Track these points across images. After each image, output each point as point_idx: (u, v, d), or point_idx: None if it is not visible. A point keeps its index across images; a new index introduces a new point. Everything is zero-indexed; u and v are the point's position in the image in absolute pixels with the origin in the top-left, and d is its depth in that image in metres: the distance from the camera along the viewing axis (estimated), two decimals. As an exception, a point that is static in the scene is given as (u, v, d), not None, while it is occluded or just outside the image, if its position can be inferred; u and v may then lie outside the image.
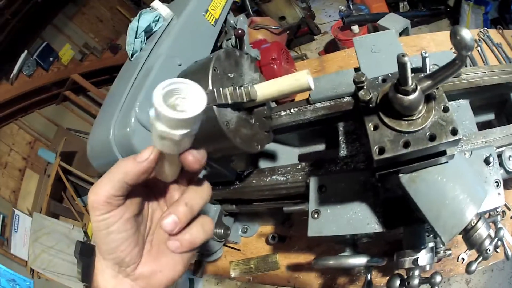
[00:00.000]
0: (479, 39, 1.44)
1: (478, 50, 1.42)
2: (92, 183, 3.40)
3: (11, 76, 3.13)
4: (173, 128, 0.38)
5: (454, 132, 0.50)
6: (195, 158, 0.42)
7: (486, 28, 1.47)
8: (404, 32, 2.64)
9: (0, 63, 3.14)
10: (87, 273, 2.72)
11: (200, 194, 0.46)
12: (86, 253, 2.74)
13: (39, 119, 3.68)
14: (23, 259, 2.81)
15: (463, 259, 1.10)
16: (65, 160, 3.16)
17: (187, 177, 0.48)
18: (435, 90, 0.53)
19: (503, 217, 1.11)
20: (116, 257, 0.43)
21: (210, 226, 0.47)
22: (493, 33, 1.46)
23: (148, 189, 0.48)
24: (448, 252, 0.98)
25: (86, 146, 0.90)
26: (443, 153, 0.54)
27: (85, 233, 3.11)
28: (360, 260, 0.77)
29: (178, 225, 0.43)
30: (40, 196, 3.17)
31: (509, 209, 1.13)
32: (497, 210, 1.09)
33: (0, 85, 3.13)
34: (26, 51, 3.26)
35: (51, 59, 3.49)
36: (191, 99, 0.40)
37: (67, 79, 3.58)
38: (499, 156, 0.73)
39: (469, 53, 0.42)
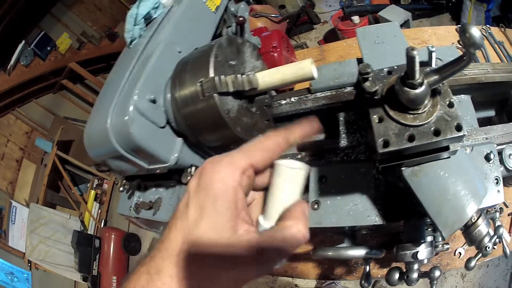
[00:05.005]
0: (481, 36, 1.44)
1: (479, 47, 1.42)
2: (89, 172, 3.39)
3: (8, 67, 3.10)
4: None
5: (459, 128, 0.49)
6: None
7: (488, 26, 1.46)
8: (405, 25, 2.64)
9: (-2, 54, 3.10)
10: (83, 262, 2.73)
11: None
12: (83, 243, 2.76)
13: (36, 108, 3.67)
14: (20, 251, 2.81)
15: (460, 253, 1.12)
16: (62, 149, 3.16)
17: None
18: (440, 85, 0.52)
19: (500, 213, 1.12)
20: None
21: None
22: (495, 31, 1.45)
23: None
24: (446, 246, 0.97)
25: (83, 135, 0.87)
26: (446, 148, 0.53)
27: (82, 222, 3.11)
28: (359, 252, 0.76)
29: None
30: (37, 186, 3.16)
31: (506, 206, 1.14)
32: (495, 207, 1.09)
33: (-3, 76, 3.09)
34: (23, 41, 3.23)
35: (48, 48, 3.46)
36: None
37: (65, 68, 3.56)
38: (500, 153, 0.72)
39: (476, 50, 0.41)
